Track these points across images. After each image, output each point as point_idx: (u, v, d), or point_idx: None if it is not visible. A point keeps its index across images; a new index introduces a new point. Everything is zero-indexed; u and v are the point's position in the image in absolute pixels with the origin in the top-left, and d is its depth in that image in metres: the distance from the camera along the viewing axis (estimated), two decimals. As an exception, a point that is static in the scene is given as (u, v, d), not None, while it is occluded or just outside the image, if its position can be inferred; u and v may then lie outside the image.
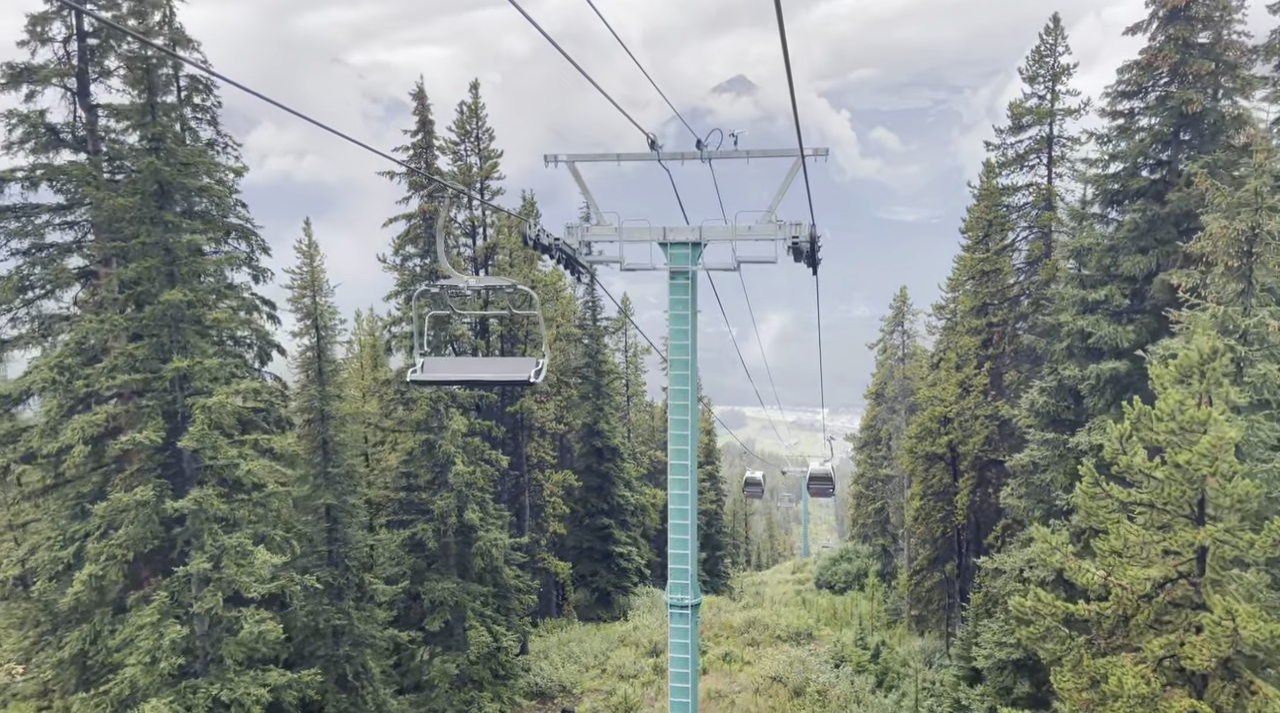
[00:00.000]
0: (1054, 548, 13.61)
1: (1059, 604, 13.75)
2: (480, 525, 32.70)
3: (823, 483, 75.69)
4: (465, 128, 36.09)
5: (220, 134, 31.57)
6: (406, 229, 33.19)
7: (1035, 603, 14.11)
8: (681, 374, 25.97)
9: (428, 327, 31.17)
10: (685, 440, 26.29)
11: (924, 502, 40.03)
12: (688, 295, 25.89)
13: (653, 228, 26.11)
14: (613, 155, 26.63)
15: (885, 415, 70.96)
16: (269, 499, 24.93)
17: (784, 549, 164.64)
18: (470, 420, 34.05)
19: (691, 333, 25.91)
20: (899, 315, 65.50)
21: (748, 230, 25.64)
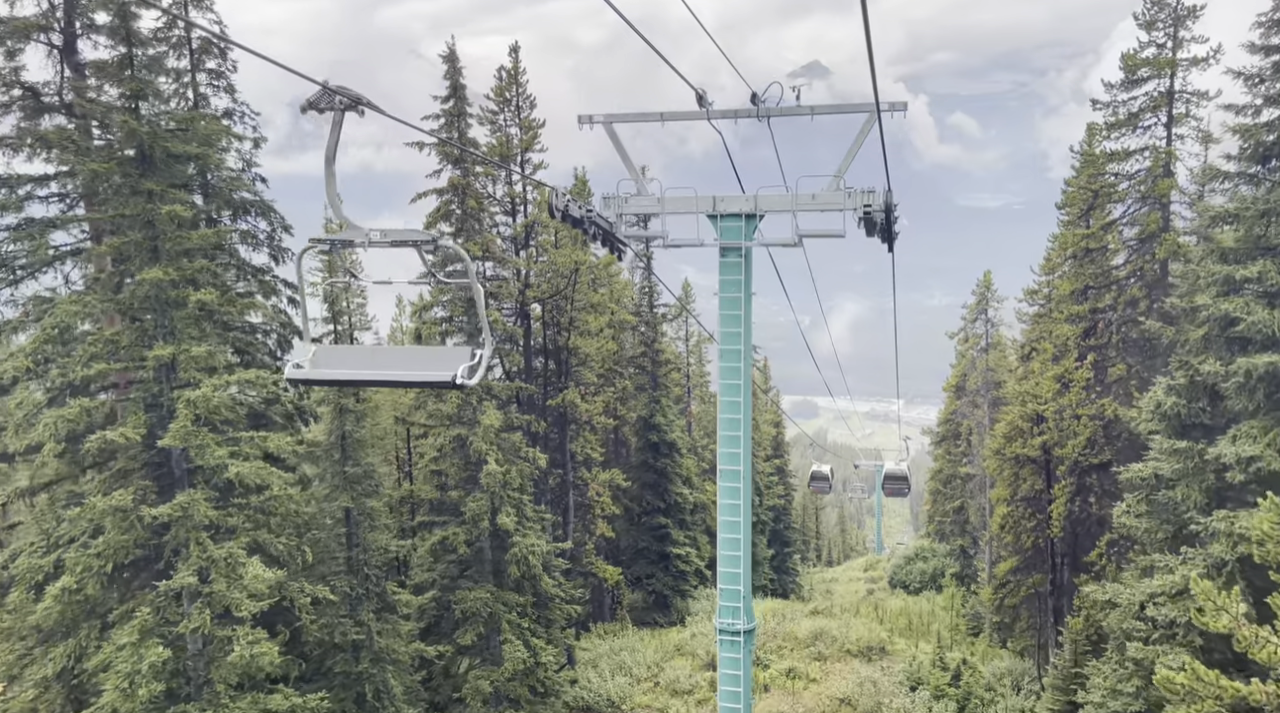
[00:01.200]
0: (1219, 608, 9.96)
1: (1227, 685, 10.05)
2: (516, 530, 29.69)
3: (898, 483, 71.39)
4: (504, 95, 32.96)
5: (237, 103, 29.03)
6: (438, 205, 30.21)
7: (1192, 680, 10.44)
8: (733, 366, 22.51)
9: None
10: (737, 442, 22.83)
11: (1012, 508, 35.83)
12: (740, 275, 22.38)
13: (700, 197, 22.65)
14: (655, 114, 23.21)
15: (966, 410, 66.28)
16: (270, 503, 22.22)
17: (856, 544, 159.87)
18: (507, 415, 31.05)
19: (745, 319, 22.42)
20: (982, 302, 60.80)
21: (811, 199, 22.02)
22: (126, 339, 21.10)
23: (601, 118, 23.10)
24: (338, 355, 7.66)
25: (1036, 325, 36.35)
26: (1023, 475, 34.45)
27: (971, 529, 68.70)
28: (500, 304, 33.36)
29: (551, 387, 35.62)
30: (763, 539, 74.79)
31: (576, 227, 22.11)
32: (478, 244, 29.48)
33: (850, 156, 21.66)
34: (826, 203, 21.73)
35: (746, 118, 22.24)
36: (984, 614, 51.55)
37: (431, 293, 30.17)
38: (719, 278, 22.74)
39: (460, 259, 7.42)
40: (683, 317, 58.57)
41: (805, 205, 21.95)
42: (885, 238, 22.40)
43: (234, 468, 20.36)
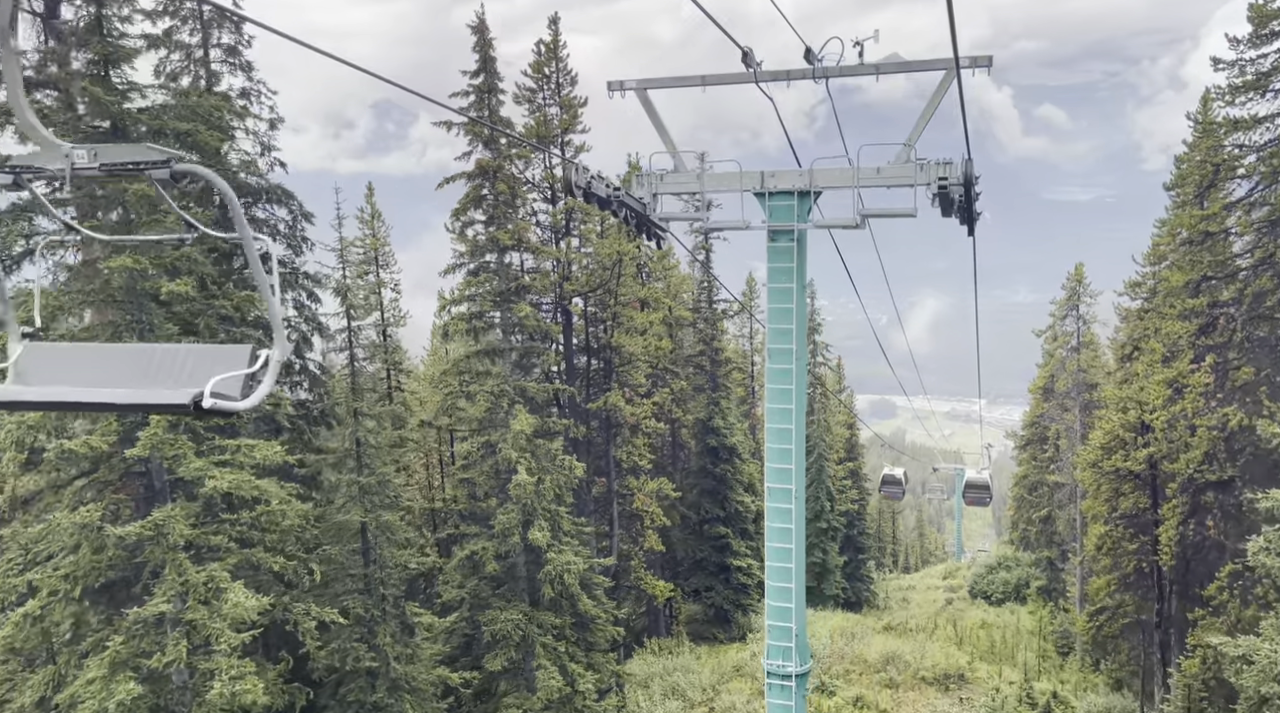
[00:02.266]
0: None
1: None
2: (550, 546, 26.97)
3: (980, 492, 67.05)
4: (542, 71, 30.23)
5: (254, 81, 26.89)
6: (467, 190, 27.61)
7: None
8: (783, 368, 19.32)
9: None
10: (788, 456, 19.57)
11: (1110, 527, 31.83)
12: (792, 261, 19.18)
13: (747, 173, 19.53)
14: (695, 78, 20.16)
15: (1054, 413, 61.62)
16: (266, 518, 19.86)
17: (935, 549, 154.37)
18: (543, 419, 28.34)
19: (798, 313, 19.22)
20: (1073, 298, 56.07)
21: (876, 173, 18.73)
22: (104, 334, 18.94)
23: (634, 83, 20.14)
24: (55, 357, 4.86)
25: (1140, 322, 32.26)
26: (1124, 491, 30.45)
27: (1060, 540, 64.21)
28: (538, 298, 30.68)
29: (595, 388, 32.83)
30: (834, 547, 71.16)
31: (604, 207, 19.21)
32: (509, 232, 26.80)
33: (924, 121, 18.40)
34: (894, 177, 18.47)
35: (800, 79, 19.07)
36: (1074, 634, 47.37)
37: (460, 284, 27.58)
38: (767, 265, 19.62)
39: (223, 194, 4.23)
40: (746, 313, 55.35)
41: (870, 180, 18.72)
42: (965, 219, 19.07)
43: (214, 481, 18.00)
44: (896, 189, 18.80)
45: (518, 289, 27.65)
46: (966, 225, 19.57)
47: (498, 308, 27.19)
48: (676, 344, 47.30)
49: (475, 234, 27.57)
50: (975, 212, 19.07)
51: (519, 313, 26.78)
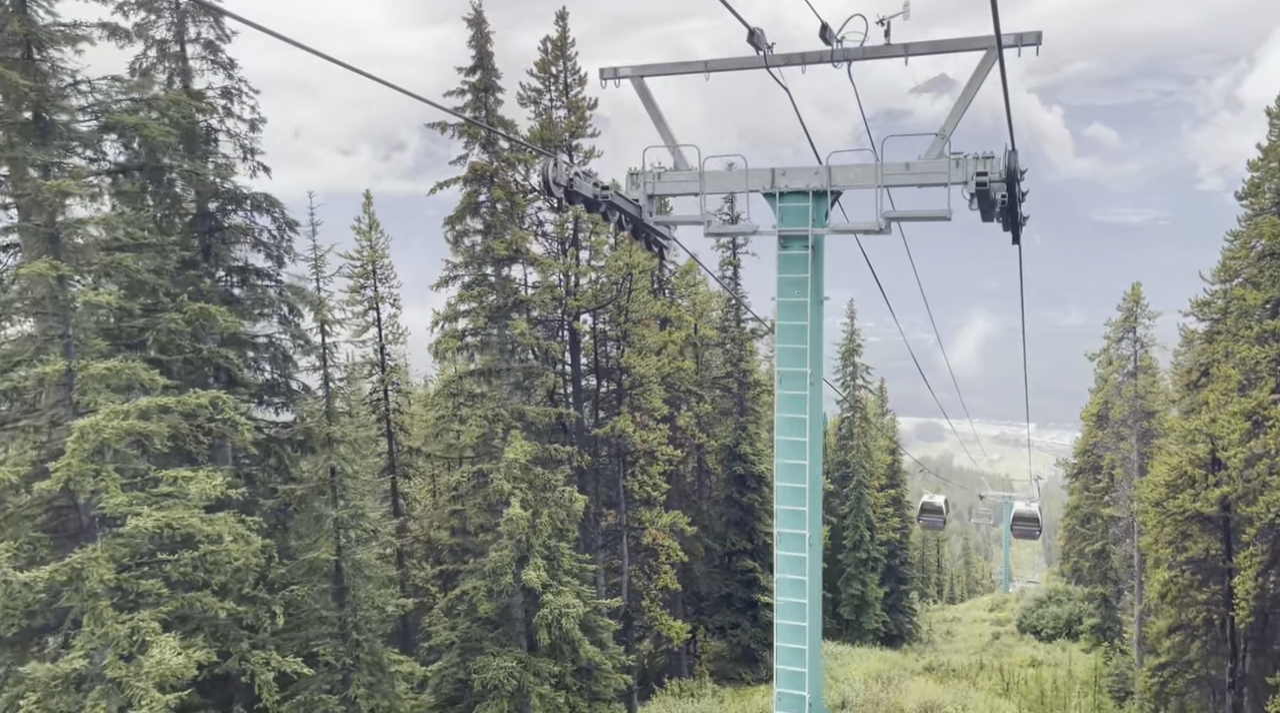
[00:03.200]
0: None
1: None
2: (548, 587, 24.44)
3: (1028, 525, 63.49)
4: (549, 70, 27.96)
5: (234, 79, 24.92)
6: (463, 197, 25.34)
7: None
8: (796, 395, 16.64)
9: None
10: (801, 497, 16.80)
11: (1176, 573, 28.54)
12: (806, 271, 16.55)
13: (754, 171, 16.96)
14: (698, 64, 17.66)
15: (1109, 442, 57.89)
16: (210, 559, 17.59)
17: (982, 578, 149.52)
18: (544, 446, 25.84)
19: (813, 331, 16.55)
20: (1130, 319, 52.52)
21: (905, 170, 16.07)
22: (26, 351, 16.87)
23: (629, 70, 17.69)
24: None
25: (1209, 346, 29.05)
26: (1192, 535, 27.20)
27: (1115, 577, 60.50)
28: (544, 315, 28.29)
29: (607, 412, 30.34)
30: (874, 578, 68.03)
31: (591, 209, 16.77)
32: (505, 242, 24.46)
33: (961, 108, 15.75)
34: (926, 173, 15.79)
35: (817, 63, 16.50)
36: (1131, 678, 43.88)
37: (453, 298, 25.28)
38: (777, 276, 16.99)
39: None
40: (780, 333, 52.42)
41: (897, 177, 16.05)
42: (1009, 224, 16.35)
43: (136, 520, 15.75)
44: (929, 189, 16.18)
45: (515, 304, 25.33)
46: (1011, 232, 16.85)
47: (495, 325, 24.86)
48: (703, 365, 44.73)
49: (472, 244, 25.32)
50: (1021, 215, 16.36)
51: (514, 330, 24.43)
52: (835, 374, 69.86)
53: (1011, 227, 16.43)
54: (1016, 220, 16.15)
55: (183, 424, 19.00)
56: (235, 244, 24.39)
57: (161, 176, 22.36)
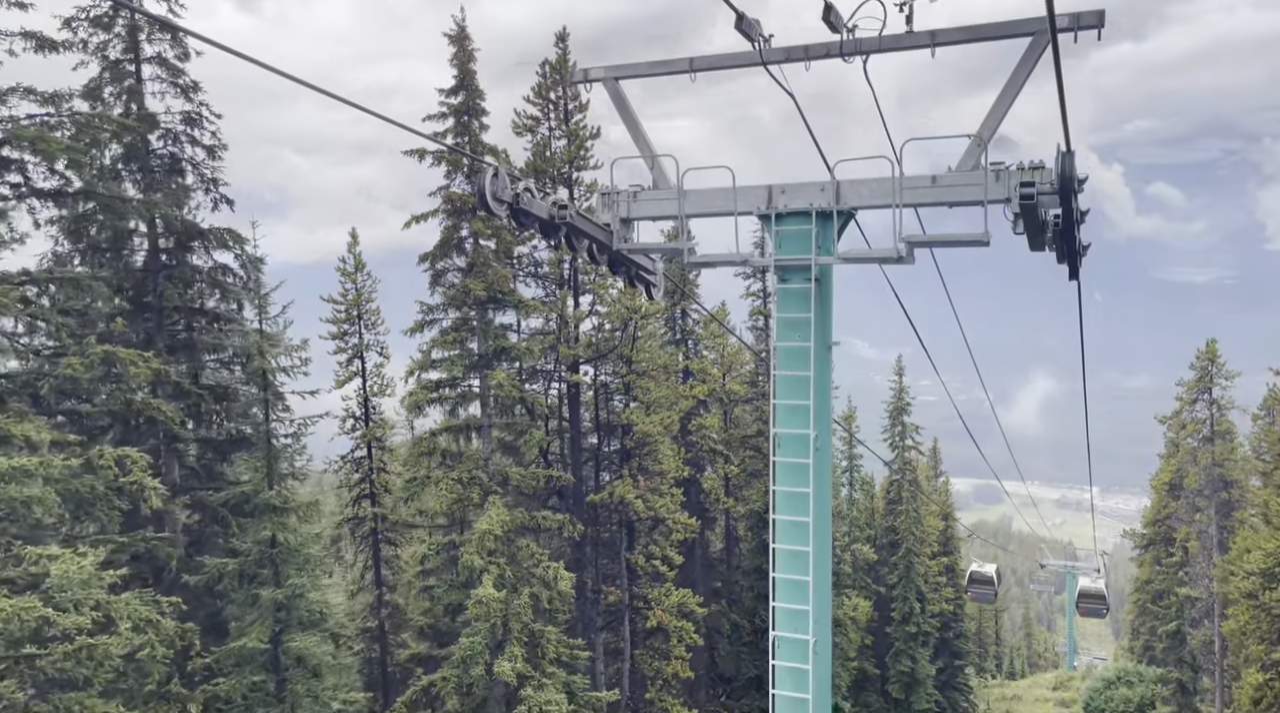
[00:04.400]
0: None
1: None
2: (527, 679, 21.10)
3: (1095, 603, 58.34)
4: (546, 96, 25.36)
5: (194, 103, 22.67)
6: (442, 233, 22.66)
7: None
8: (797, 463, 13.29)
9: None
10: (804, 592, 13.37)
11: (1272, 677, 24.27)
12: (809, 310, 13.36)
13: (746, 189, 13.90)
14: (682, 61, 14.70)
15: (1184, 514, 53.05)
16: (85, 652, 14.65)
17: (1045, 651, 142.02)
18: (528, 514, 22.69)
19: (818, 383, 13.27)
20: (1205, 379, 48.24)
21: (931, 184, 12.91)
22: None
23: (602, 72, 14.76)
24: None
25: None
26: (1290, 631, 23.09)
27: (1193, 661, 55.35)
28: (538, 364, 25.32)
29: (613, 474, 27.12)
30: (925, 653, 63.50)
31: (547, 235, 13.78)
32: (483, 283, 21.63)
33: (1003, 106, 12.54)
34: (957, 188, 12.59)
35: (823, 58, 13.45)
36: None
37: (426, 346, 22.44)
38: (776, 315, 13.76)
39: None
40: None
41: (920, 193, 12.87)
42: (1065, 253, 13.02)
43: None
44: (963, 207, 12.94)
45: (498, 352, 22.46)
46: (1067, 263, 13.44)
47: (476, 375, 21.97)
48: (732, 423, 41.41)
49: (452, 284, 22.59)
50: (1080, 242, 13.01)
51: (492, 381, 21.50)
52: (883, 434, 66.14)
53: (1068, 256, 13.08)
54: (1074, 247, 12.79)
55: (93, 486, 16.30)
56: (193, 284, 21.97)
57: (101, 206, 20.06)
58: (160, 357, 18.87)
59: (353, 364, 27.31)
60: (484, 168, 12.60)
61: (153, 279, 20.26)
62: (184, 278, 20.92)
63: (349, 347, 27.00)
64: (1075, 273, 13.48)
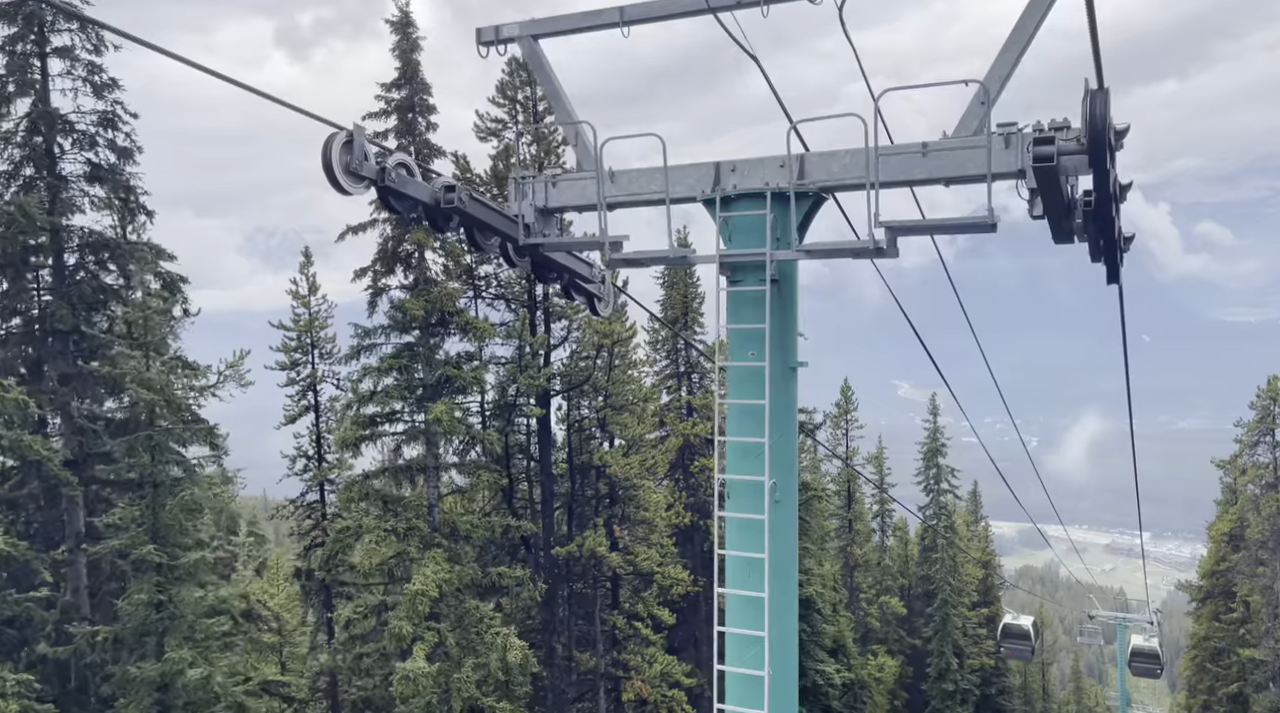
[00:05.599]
0: None
1: None
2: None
3: (1148, 662, 53.58)
4: (510, 96, 22.65)
5: (107, 101, 20.22)
6: (379, 245, 19.90)
7: None
8: (750, 521, 10.07)
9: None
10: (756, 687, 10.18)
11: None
12: (764, 321, 10.23)
13: (689, 168, 10.84)
14: (613, 11, 11.72)
15: (1245, 567, 48.64)
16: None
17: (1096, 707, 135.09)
18: (482, 571, 19.59)
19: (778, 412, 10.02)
20: (1268, 420, 44.17)
21: (921, 154, 9.67)
22: None
23: (516, 29, 11.81)
24: None
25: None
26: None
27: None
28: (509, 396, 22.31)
29: (583, 521, 23.95)
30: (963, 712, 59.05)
31: (438, 226, 10.84)
32: (421, 303, 18.78)
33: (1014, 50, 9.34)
34: (955, 157, 9.39)
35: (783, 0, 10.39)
36: None
37: (357, 375, 19.58)
38: (726, 326, 10.60)
39: None
40: (842, 425, 45.73)
41: (906, 166, 9.67)
42: (1101, 249, 9.65)
43: None
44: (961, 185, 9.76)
45: (444, 382, 19.58)
46: (1105, 261, 10.06)
47: (410, 402, 19.09)
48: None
49: (392, 302, 19.82)
50: (1121, 231, 9.68)
51: (431, 415, 18.58)
52: (916, 476, 62.56)
53: (1105, 249, 9.75)
54: (1113, 234, 9.48)
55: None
56: (101, 306, 19.38)
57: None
58: (45, 387, 16.19)
59: (305, 398, 24.59)
60: (334, 134, 9.72)
61: (38, 298, 17.73)
62: (84, 298, 18.30)
63: (300, 379, 24.30)
64: (1115, 274, 10.13)
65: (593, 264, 12.59)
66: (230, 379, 22.54)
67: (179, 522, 15.97)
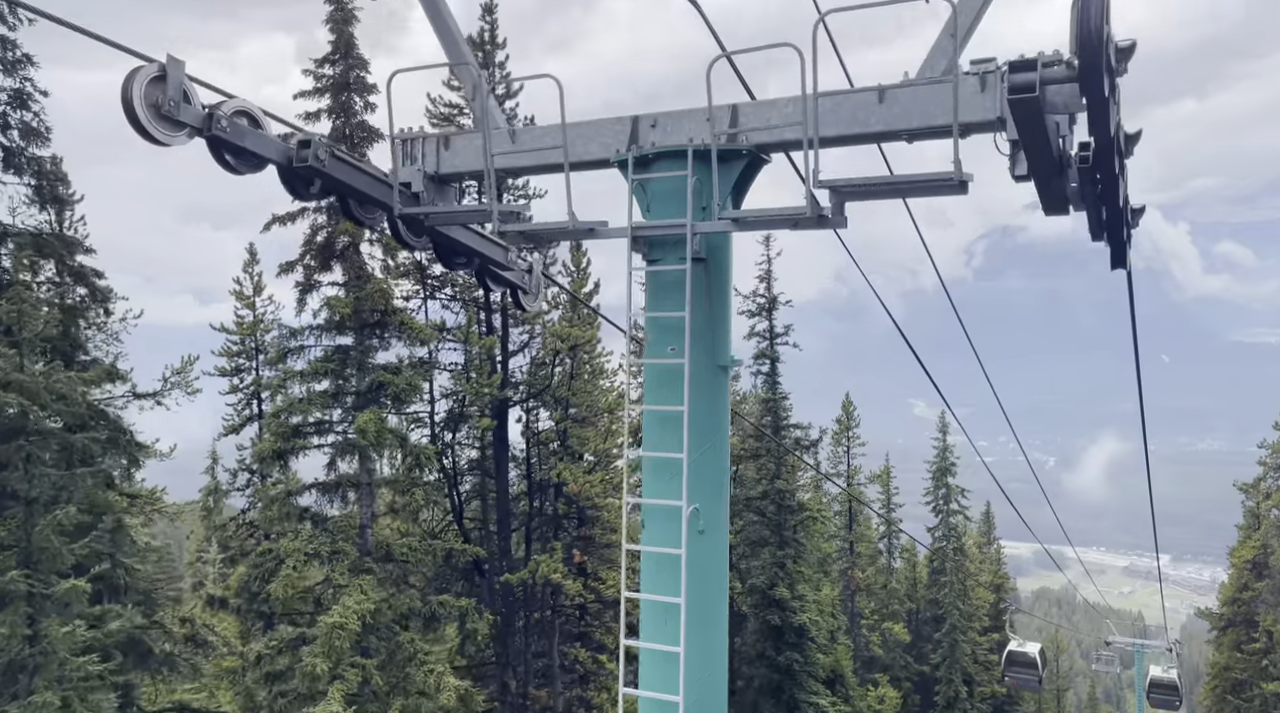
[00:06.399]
0: None
1: None
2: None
3: (1167, 694, 51.00)
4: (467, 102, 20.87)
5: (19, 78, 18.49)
6: (308, 232, 18.06)
7: None
8: (664, 555, 8.14)
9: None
10: None
11: None
12: (684, 308, 8.28)
13: (603, 123, 8.87)
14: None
15: (1269, 596, 46.28)
16: None
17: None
18: (421, 598, 17.58)
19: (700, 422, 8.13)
20: (1292, 441, 41.87)
21: (877, 101, 7.67)
22: None
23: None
24: None
25: None
26: None
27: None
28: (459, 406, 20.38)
29: (544, 544, 21.94)
30: (974, 744, 56.74)
31: (295, 191, 8.94)
32: (347, 302, 16.91)
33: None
34: (918, 101, 7.35)
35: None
36: None
37: (275, 381, 17.70)
38: (647, 313, 8.57)
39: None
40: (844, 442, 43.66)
41: (857, 114, 7.62)
42: (1103, 224, 7.57)
43: None
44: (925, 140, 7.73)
45: (375, 388, 17.71)
46: (1106, 239, 7.96)
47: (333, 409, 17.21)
48: (735, 482, 36.04)
49: (320, 304, 18.00)
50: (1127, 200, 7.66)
51: (356, 425, 16.70)
52: (925, 496, 60.40)
53: (1110, 223, 7.68)
54: (1118, 204, 7.40)
55: None
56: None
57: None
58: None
59: (249, 406, 22.77)
60: (141, 67, 7.79)
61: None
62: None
63: (244, 386, 22.48)
64: (1122, 256, 8.09)
65: (508, 248, 10.63)
66: (177, 386, 20.80)
67: (52, 544, 14.01)
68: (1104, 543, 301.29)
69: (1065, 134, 6.73)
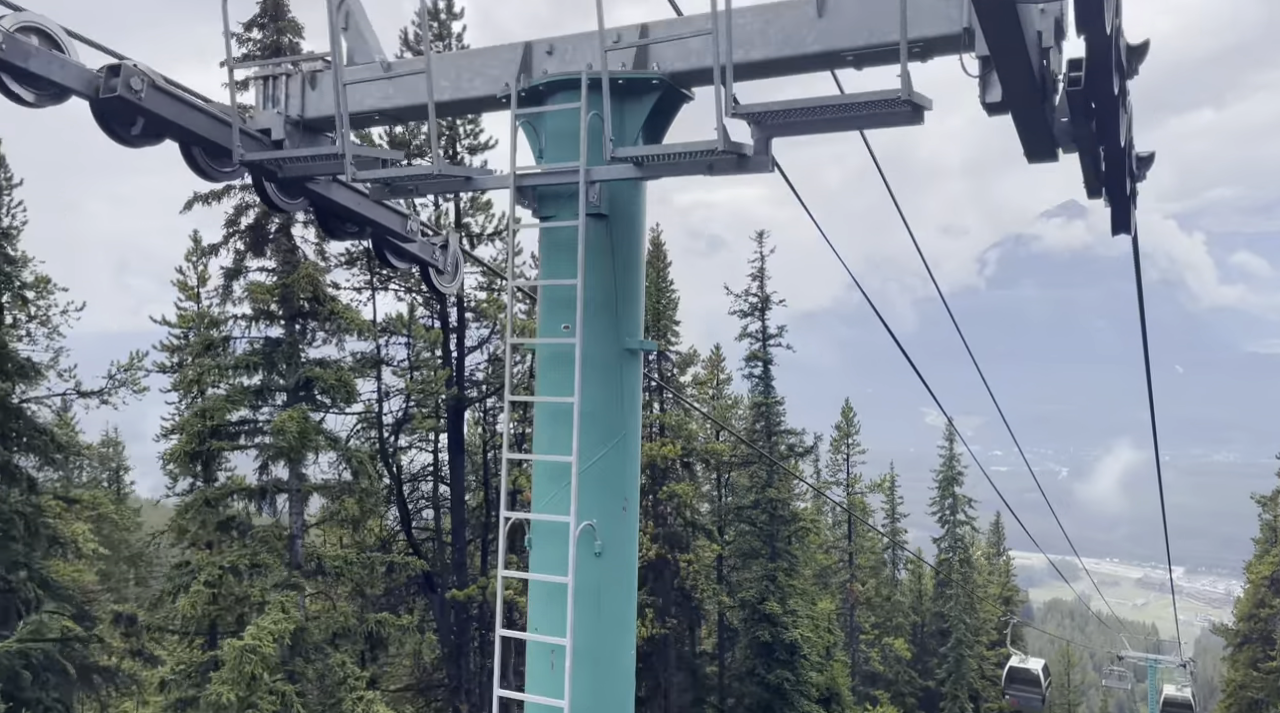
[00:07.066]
0: None
1: None
2: None
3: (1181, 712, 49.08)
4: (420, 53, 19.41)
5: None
6: (229, 222, 16.47)
7: None
8: (550, 584, 6.60)
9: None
10: None
11: None
12: (575, 273, 6.70)
13: (491, 51, 7.20)
14: None
15: (1290, 613, 44.41)
16: None
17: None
18: (340, 618, 15.90)
19: (593, 419, 6.54)
20: (1313, 454, 40.04)
21: (816, 10, 6.07)
22: None
23: None
24: None
25: None
26: None
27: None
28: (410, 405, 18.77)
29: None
30: (984, 765, 54.99)
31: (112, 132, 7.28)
32: (272, 287, 15.35)
33: None
34: (866, 14, 5.68)
35: None
36: None
37: (194, 374, 16.12)
38: (540, 279, 6.89)
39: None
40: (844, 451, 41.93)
41: (791, 31, 5.92)
42: (1103, 172, 5.83)
43: None
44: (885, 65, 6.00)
45: (304, 384, 16.12)
46: (1105, 196, 6.17)
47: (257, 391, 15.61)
48: (727, 489, 34.46)
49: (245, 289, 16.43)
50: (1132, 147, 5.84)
51: (275, 424, 15.11)
52: (931, 506, 58.53)
53: (1110, 174, 5.90)
54: (1119, 145, 5.62)
55: None
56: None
57: None
58: None
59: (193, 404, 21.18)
60: None
61: None
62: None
63: (185, 383, 20.89)
64: (1125, 218, 6.35)
65: (407, 215, 8.96)
66: (124, 385, 19.37)
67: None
68: (1118, 554, 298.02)
69: (1050, 46, 5.00)
